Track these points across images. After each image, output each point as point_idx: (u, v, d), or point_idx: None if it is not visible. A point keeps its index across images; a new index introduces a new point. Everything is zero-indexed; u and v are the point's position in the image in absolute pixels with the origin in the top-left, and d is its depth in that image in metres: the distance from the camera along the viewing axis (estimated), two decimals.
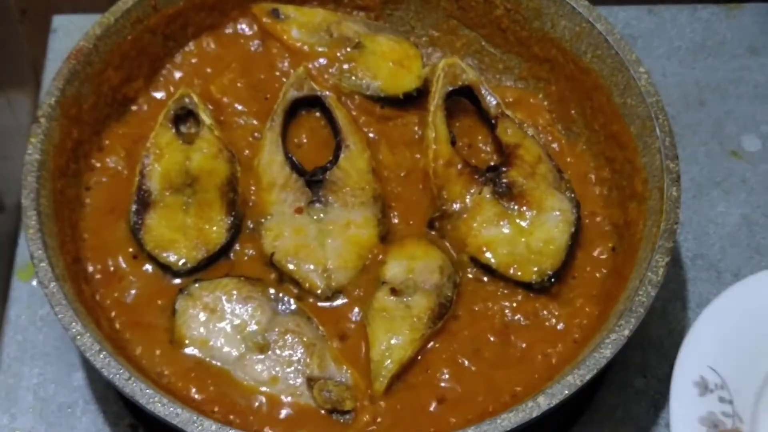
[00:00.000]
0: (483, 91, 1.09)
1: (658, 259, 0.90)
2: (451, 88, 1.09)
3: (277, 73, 1.11)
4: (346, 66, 1.11)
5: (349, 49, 1.12)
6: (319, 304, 0.98)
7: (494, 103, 1.08)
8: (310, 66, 1.11)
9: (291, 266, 0.98)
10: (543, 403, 0.84)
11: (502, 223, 1.01)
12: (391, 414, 0.92)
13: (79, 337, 0.86)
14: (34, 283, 1.10)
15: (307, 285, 0.98)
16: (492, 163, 1.06)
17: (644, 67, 1.01)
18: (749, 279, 1.06)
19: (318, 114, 1.10)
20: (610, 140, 1.04)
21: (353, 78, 1.10)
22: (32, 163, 0.95)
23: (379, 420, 0.92)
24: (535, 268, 0.98)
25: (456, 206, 1.02)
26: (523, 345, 0.96)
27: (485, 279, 1.00)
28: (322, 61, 1.11)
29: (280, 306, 0.96)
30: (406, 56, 1.11)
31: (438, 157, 1.05)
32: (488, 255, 0.99)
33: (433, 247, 1.01)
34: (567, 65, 1.08)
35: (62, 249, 0.94)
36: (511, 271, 0.98)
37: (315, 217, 1.01)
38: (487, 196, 1.02)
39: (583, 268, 1.01)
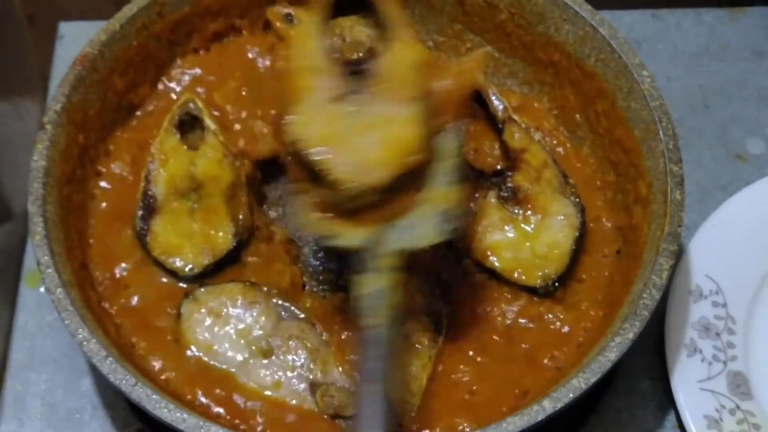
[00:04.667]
0: (491, 95, 1.09)
1: (662, 262, 0.90)
2: None
3: None
4: None
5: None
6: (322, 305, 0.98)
7: (501, 107, 1.08)
8: None
9: (317, 156, 0.85)
10: (548, 406, 0.84)
11: (507, 227, 1.01)
12: None
13: (85, 343, 0.86)
14: (42, 289, 1.11)
15: (333, 178, 0.85)
16: (498, 167, 1.06)
17: (648, 70, 1.01)
18: (739, 194, 1.11)
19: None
20: (615, 144, 1.04)
21: None
22: (38, 170, 0.95)
23: None
24: (540, 273, 0.98)
25: None
26: (528, 348, 0.96)
27: (489, 283, 1.00)
28: None
29: (284, 312, 0.96)
30: None
31: None
32: (493, 259, 0.99)
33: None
34: (571, 69, 1.08)
35: (69, 255, 0.94)
36: (516, 276, 0.99)
37: (353, 108, 0.88)
38: (493, 200, 1.02)
39: (588, 271, 1.01)
